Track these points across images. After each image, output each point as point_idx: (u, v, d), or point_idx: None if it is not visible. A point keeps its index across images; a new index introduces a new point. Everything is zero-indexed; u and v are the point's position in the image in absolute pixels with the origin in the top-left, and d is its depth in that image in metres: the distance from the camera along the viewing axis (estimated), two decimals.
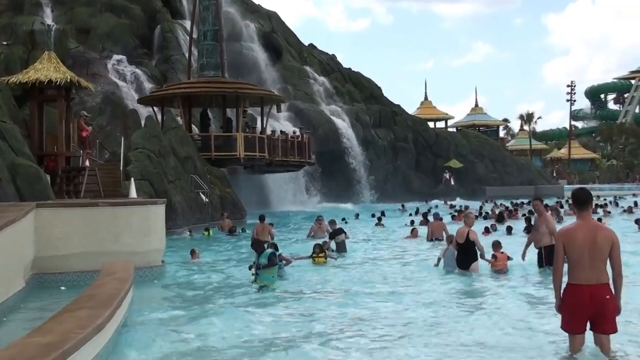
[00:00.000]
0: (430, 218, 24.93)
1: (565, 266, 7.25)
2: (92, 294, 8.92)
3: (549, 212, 19.08)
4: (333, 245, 18.87)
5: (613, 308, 6.97)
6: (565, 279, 7.20)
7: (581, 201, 7.22)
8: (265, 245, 14.10)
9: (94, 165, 24.79)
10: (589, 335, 7.15)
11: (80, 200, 18.43)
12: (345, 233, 19.96)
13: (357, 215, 33.92)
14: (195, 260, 17.27)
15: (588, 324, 7.09)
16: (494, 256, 14.67)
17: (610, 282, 7.03)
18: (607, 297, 6.93)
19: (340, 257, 18.07)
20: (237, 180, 39.13)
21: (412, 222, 27.85)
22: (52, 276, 13.13)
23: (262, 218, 22.55)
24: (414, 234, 23.30)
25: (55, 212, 13.74)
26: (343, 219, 30.17)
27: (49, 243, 13.16)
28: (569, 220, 16.18)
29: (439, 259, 15.40)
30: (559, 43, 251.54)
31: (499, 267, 14.46)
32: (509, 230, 24.03)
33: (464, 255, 14.36)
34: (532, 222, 17.68)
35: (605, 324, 6.98)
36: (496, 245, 15.05)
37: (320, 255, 16.91)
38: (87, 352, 6.29)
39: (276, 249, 14.33)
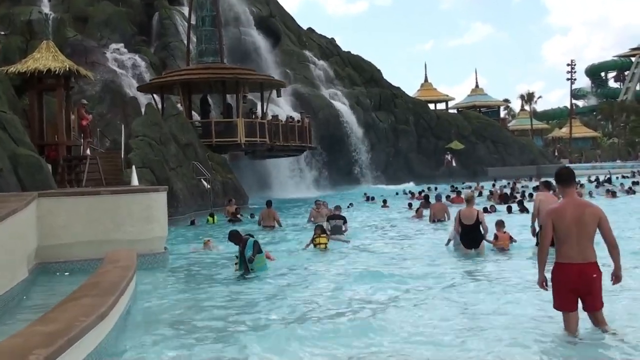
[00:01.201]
0: (432, 200, 24.93)
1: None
2: (95, 282, 8.94)
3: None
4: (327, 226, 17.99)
5: (599, 285, 7.11)
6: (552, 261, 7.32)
7: (565, 179, 7.32)
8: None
9: (95, 154, 24.77)
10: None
11: (82, 189, 18.43)
12: (345, 222, 18.84)
13: (350, 205, 30.55)
14: (207, 249, 16.78)
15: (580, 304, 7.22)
16: (495, 236, 15.02)
17: (597, 260, 7.14)
18: (594, 275, 7.07)
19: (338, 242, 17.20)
20: (239, 166, 39.13)
21: (410, 205, 28.03)
22: (55, 265, 13.17)
23: (269, 203, 23.25)
24: (419, 214, 23.55)
25: (57, 201, 13.76)
26: (350, 204, 30.14)
27: (52, 232, 13.19)
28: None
29: (449, 240, 15.66)
30: (558, 22, 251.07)
31: (501, 246, 14.89)
32: (509, 209, 24.21)
33: (473, 234, 14.71)
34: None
35: (594, 302, 7.15)
36: (499, 224, 15.40)
37: (322, 236, 16.08)
38: (91, 340, 6.32)
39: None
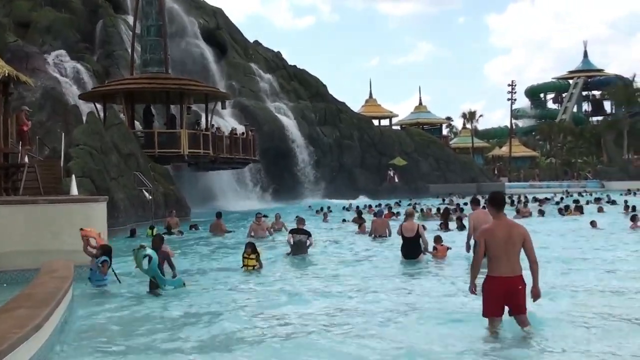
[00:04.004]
0: (367, 216, 25.37)
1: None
2: (30, 292, 8.76)
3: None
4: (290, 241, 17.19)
5: (524, 295, 8.01)
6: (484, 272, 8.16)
7: (498, 202, 8.20)
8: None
9: (33, 162, 24.20)
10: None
11: (19, 198, 18.01)
12: (310, 237, 17.30)
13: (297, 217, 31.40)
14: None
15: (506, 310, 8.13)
16: (434, 248, 16.30)
17: (523, 273, 8.00)
18: (520, 287, 7.98)
19: (296, 258, 16.58)
20: (182, 178, 38.80)
21: (344, 220, 28.36)
22: None
23: (218, 214, 24.67)
24: (362, 229, 23.62)
25: None
26: (297, 217, 30.20)
27: None
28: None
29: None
30: (500, 43, 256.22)
31: (440, 257, 16.11)
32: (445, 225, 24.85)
33: (412, 246, 15.87)
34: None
35: (519, 308, 8.05)
36: (437, 239, 16.76)
37: (251, 256, 14.55)
38: (24, 352, 6.19)
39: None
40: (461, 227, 24.55)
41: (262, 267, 14.68)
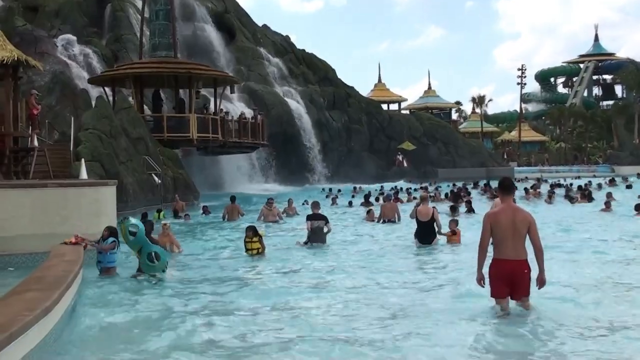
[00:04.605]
0: (373, 200, 25.26)
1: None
2: (40, 276, 8.80)
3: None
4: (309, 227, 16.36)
5: (528, 279, 8.17)
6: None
7: (507, 188, 8.45)
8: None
9: (43, 146, 24.29)
10: None
11: (29, 181, 18.07)
12: (327, 222, 16.40)
13: (305, 202, 29.99)
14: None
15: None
16: (452, 232, 16.17)
17: (528, 258, 8.14)
18: (525, 270, 8.13)
19: (316, 246, 15.86)
20: (190, 162, 38.84)
21: (350, 203, 28.22)
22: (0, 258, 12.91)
23: (232, 198, 24.40)
24: (370, 215, 23.39)
25: (3, 193, 13.49)
26: (304, 202, 30.19)
27: None
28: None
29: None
30: (509, 27, 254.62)
31: (455, 241, 15.99)
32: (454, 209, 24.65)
33: (427, 231, 15.87)
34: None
35: (521, 291, 8.19)
36: (453, 223, 16.71)
37: (253, 240, 14.40)
38: (34, 335, 6.22)
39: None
40: (470, 211, 24.64)
41: (264, 249, 14.60)
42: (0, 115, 22.43)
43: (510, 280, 8.12)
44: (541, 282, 8.19)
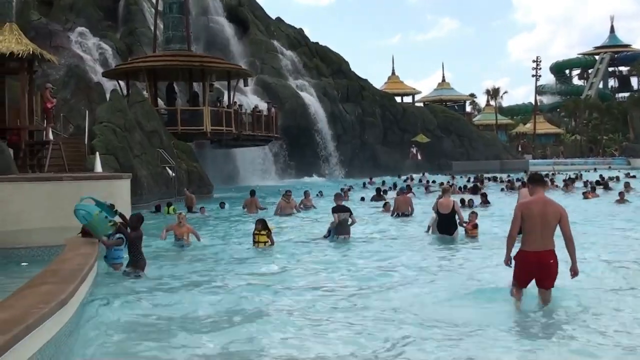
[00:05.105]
0: (392, 193, 25.20)
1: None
2: (55, 269, 8.84)
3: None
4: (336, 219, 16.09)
5: (554, 270, 8.31)
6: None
7: (537, 180, 8.70)
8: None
9: (58, 139, 24.42)
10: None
11: (44, 175, 18.19)
12: (352, 214, 16.25)
13: (320, 193, 30.61)
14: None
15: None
16: (475, 225, 16.15)
17: (555, 249, 8.28)
18: (551, 261, 8.27)
19: (340, 240, 15.65)
20: (204, 155, 38.91)
21: (363, 199, 28.16)
22: (15, 251, 12.93)
23: (252, 192, 24.44)
24: (386, 208, 23.29)
25: (18, 186, 13.59)
26: (319, 193, 30.17)
27: (11, 217, 13.01)
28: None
29: (429, 227, 16.68)
30: (524, 19, 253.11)
31: (475, 234, 16.05)
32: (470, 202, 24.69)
33: (447, 223, 15.98)
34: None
35: (546, 281, 8.38)
36: (473, 215, 16.62)
37: (262, 233, 14.35)
38: (49, 328, 6.24)
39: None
40: (485, 203, 24.65)
41: (273, 244, 14.53)
42: (15, 109, 22.58)
43: (536, 270, 8.32)
44: (574, 272, 8.38)
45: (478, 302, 9.04)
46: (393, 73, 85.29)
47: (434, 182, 40.03)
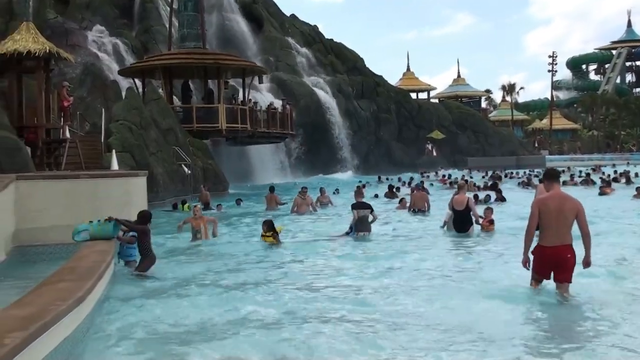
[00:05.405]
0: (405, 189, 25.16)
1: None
2: (72, 266, 8.90)
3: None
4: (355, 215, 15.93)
5: (572, 264, 8.42)
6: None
7: (552, 176, 8.78)
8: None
9: (74, 137, 24.56)
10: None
11: (61, 172, 18.29)
12: (372, 211, 16.10)
13: (336, 190, 30.72)
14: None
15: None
16: (491, 221, 16.17)
17: (572, 243, 8.40)
18: (569, 255, 8.38)
19: (360, 237, 15.56)
20: (220, 152, 39.00)
21: (377, 196, 28.12)
22: (33, 249, 13.04)
23: (272, 189, 24.85)
24: (402, 204, 23.23)
25: (36, 184, 13.67)
26: (336, 190, 30.15)
27: (29, 215, 13.09)
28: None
29: (445, 222, 16.61)
30: (540, 14, 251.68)
31: (491, 230, 16.04)
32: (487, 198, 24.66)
33: (462, 219, 15.93)
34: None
35: (563, 274, 8.47)
36: (488, 211, 16.68)
37: (267, 234, 14.45)
38: (67, 325, 6.29)
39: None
40: (501, 199, 24.53)
41: (280, 244, 14.44)
42: (32, 107, 22.73)
43: (553, 264, 8.45)
44: (587, 263, 8.49)
45: (496, 302, 8.78)
46: (408, 69, 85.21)
47: (449, 176, 40.13)
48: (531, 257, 8.61)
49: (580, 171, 43.47)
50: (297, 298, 9.39)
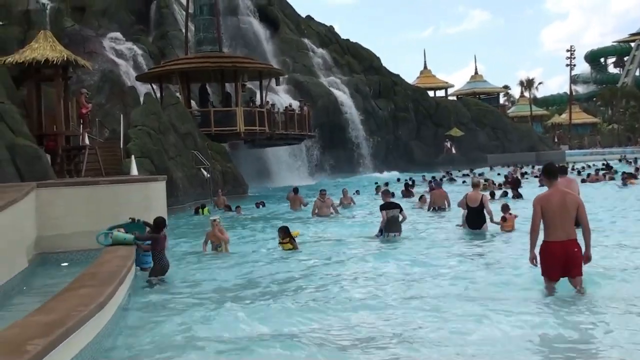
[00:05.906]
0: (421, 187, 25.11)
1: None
2: (94, 272, 8.95)
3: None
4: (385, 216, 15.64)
5: (580, 257, 8.52)
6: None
7: (552, 172, 8.80)
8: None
9: (94, 144, 24.77)
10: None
11: (81, 179, 18.44)
12: (402, 210, 15.87)
13: (357, 192, 30.30)
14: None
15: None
16: (503, 218, 15.97)
17: (578, 237, 8.51)
18: (575, 249, 8.49)
19: (391, 238, 15.31)
20: (238, 155, 39.09)
21: (393, 195, 27.84)
22: (54, 255, 13.16)
23: (295, 190, 25.33)
24: (422, 201, 23.11)
25: (56, 191, 13.77)
26: (356, 191, 30.06)
27: (51, 222, 13.19)
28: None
29: (463, 221, 16.60)
30: (556, 8, 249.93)
31: (509, 228, 15.79)
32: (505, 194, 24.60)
33: (476, 216, 15.93)
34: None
35: (574, 269, 8.53)
36: (505, 208, 16.52)
37: (284, 240, 14.18)
38: (89, 330, 6.32)
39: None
40: (517, 196, 24.39)
41: (297, 249, 14.10)
42: (51, 115, 22.94)
43: (562, 260, 8.48)
44: (587, 258, 8.57)
45: (514, 302, 8.61)
46: (425, 67, 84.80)
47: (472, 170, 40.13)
48: (538, 258, 8.67)
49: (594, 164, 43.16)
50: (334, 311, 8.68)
